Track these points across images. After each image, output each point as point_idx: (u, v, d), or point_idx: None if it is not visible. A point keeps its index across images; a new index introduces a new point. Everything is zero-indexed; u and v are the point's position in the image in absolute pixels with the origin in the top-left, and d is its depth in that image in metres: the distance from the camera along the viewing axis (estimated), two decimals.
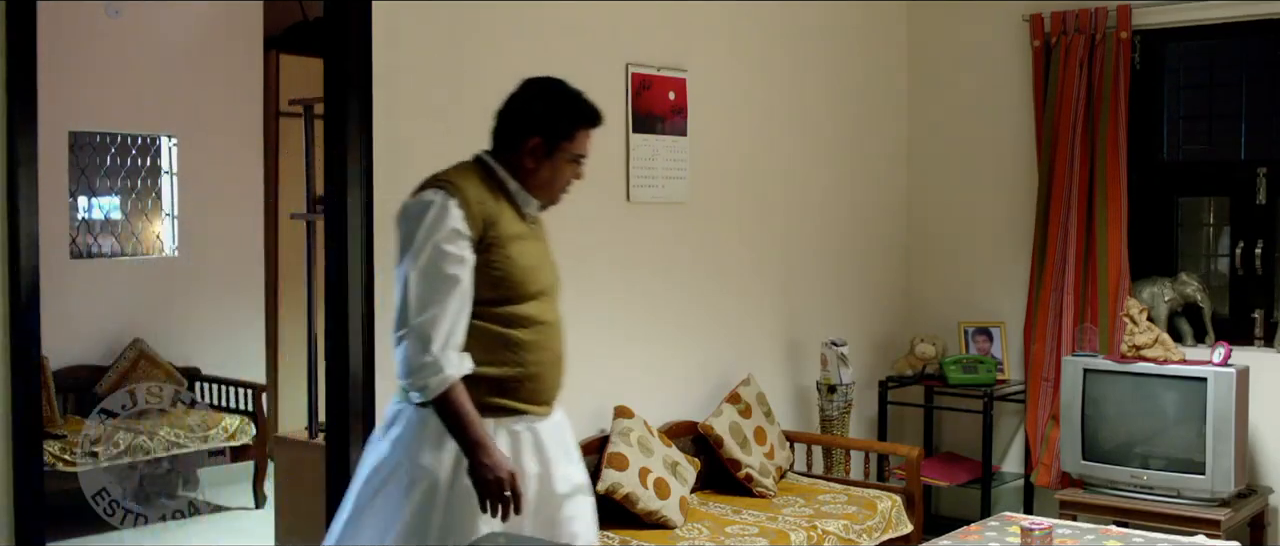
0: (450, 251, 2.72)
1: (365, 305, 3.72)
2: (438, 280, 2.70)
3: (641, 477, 4.18)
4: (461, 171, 2.88)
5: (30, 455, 3.18)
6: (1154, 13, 5.20)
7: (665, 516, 4.18)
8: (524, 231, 2.91)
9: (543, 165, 2.92)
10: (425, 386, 2.68)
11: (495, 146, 2.96)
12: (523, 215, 2.92)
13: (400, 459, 2.77)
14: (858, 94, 5.68)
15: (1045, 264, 5.36)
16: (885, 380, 5.60)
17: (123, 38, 6.40)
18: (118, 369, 6.31)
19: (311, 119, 4.82)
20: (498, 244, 2.81)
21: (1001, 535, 4.02)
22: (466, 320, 2.75)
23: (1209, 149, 5.55)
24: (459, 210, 2.75)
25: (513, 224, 2.88)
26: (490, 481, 2.69)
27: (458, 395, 2.69)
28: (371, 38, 3.72)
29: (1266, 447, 5.03)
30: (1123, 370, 4.94)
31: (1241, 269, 5.18)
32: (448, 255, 2.72)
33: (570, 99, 2.97)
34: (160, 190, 6.84)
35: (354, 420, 3.69)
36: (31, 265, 3.16)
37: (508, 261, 2.82)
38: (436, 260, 2.71)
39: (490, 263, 2.80)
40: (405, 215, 2.81)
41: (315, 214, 4.64)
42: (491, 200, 2.84)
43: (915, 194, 5.94)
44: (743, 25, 5.08)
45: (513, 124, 2.95)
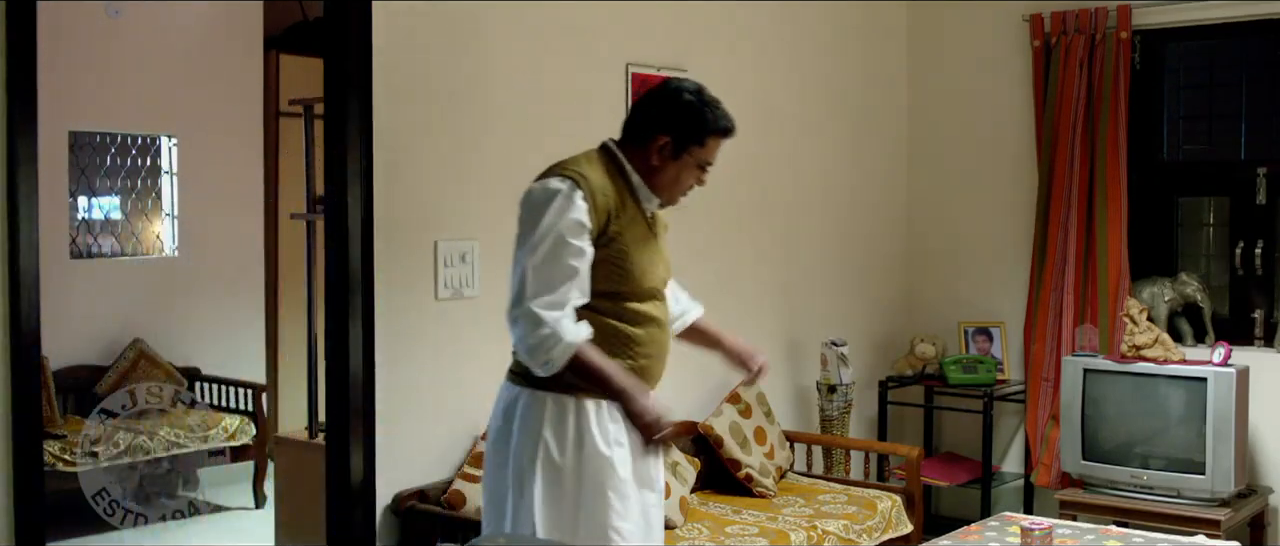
0: (573, 243, 2.75)
1: (365, 305, 3.72)
2: (556, 270, 2.73)
3: None
4: (589, 161, 2.89)
5: (30, 455, 3.18)
6: (1154, 13, 5.20)
7: (665, 516, 4.18)
8: (643, 228, 2.94)
9: (669, 165, 2.94)
10: (549, 359, 2.71)
11: (625, 137, 2.98)
12: (643, 210, 2.95)
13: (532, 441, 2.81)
14: (858, 94, 5.68)
15: (1045, 264, 5.36)
16: (885, 380, 5.60)
17: (123, 38, 6.40)
18: (118, 369, 6.31)
19: (311, 119, 4.82)
20: (618, 239, 2.83)
21: (1001, 535, 4.02)
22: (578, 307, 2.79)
23: (1209, 149, 5.55)
24: (584, 202, 2.77)
25: (634, 220, 2.90)
26: (648, 422, 2.78)
27: (588, 354, 2.73)
28: (371, 38, 3.72)
29: (1266, 447, 5.03)
30: (1123, 370, 4.94)
31: (1241, 269, 5.18)
32: (569, 246, 2.74)
33: (707, 106, 2.98)
34: (160, 190, 6.84)
35: (354, 420, 3.69)
36: (31, 265, 3.16)
37: (625, 257, 2.85)
38: (558, 250, 2.74)
39: (609, 257, 2.82)
40: (529, 200, 2.81)
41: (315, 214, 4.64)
42: (614, 193, 2.86)
43: (915, 194, 5.94)
44: (743, 25, 5.08)
45: (647, 119, 2.96)
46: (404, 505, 3.78)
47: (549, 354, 2.70)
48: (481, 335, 4.08)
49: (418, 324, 3.89)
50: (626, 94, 4.58)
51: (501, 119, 4.13)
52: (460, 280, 4.00)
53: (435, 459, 3.93)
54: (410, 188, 3.87)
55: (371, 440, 3.74)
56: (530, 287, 2.73)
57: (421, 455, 3.91)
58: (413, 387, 3.88)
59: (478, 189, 4.07)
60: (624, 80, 4.57)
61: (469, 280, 4.02)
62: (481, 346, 4.09)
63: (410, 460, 3.87)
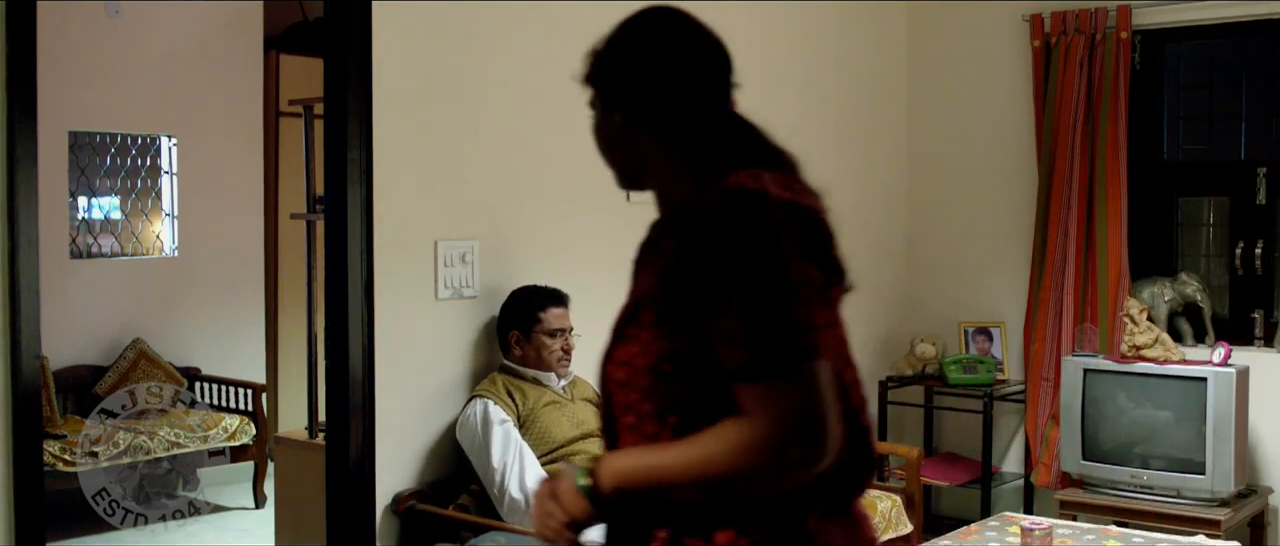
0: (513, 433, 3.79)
1: (365, 305, 3.72)
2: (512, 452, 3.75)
3: None
4: (491, 381, 3.91)
5: (30, 455, 3.18)
6: (1154, 13, 5.20)
7: None
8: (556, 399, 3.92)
9: (528, 350, 3.92)
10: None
11: (502, 353, 4.00)
12: (554, 388, 3.94)
13: None
14: (858, 94, 5.67)
15: (1045, 264, 5.36)
16: (885, 380, 5.59)
17: (123, 38, 6.40)
18: (118, 369, 6.31)
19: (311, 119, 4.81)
20: (529, 417, 3.84)
21: (1001, 535, 4.02)
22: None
23: (1209, 149, 5.55)
24: (496, 406, 3.80)
25: (543, 400, 3.89)
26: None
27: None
28: (371, 38, 3.72)
29: (1266, 447, 5.03)
30: (1123, 370, 4.94)
31: (1241, 269, 5.18)
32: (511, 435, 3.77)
33: (527, 293, 3.95)
34: (160, 190, 6.84)
35: (354, 420, 3.69)
36: (31, 265, 3.16)
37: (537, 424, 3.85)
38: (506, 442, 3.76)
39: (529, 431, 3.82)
40: (464, 428, 3.82)
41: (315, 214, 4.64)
42: (515, 392, 3.86)
43: (915, 194, 5.94)
44: (742, 25, 5.06)
45: (499, 326, 3.98)
46: (404, 505, 3.78)
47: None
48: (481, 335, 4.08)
49: (418, 324, 3.89)
50: None
51: (501, 119, 4.13)
52: (460, 280, 4.00)
53: (435, 459, 3.93)
54: (410, 188, 3.87)
55: (371, 440, 3.74)
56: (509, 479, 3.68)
57: (421, 455, 3.91)
58: (413, 387, 3.88)
59: (478, 189, 4.07)
60: None
61: (469, 280, 4.02)
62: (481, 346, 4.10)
63: (410, 460, 3.87)
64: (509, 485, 3.68)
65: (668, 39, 1.77)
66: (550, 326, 3.90)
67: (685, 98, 1.73)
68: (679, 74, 1.74)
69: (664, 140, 1.73)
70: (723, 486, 1.53)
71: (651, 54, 1.75)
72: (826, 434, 1.50)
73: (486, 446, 3.73)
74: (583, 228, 4.42)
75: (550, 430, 3.84)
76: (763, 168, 1.66)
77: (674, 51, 1.76)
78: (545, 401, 3.89)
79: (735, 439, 1.50)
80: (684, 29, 1.80)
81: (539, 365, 3.91)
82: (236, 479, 6.35)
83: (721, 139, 1.72)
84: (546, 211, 4.30)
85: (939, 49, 5.84)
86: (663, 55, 1.75)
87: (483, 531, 3.59)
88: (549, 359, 3.90)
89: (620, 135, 1.77)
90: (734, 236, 1.53)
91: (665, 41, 1.76)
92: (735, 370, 1.51)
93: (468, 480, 3.85)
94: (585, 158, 4.71)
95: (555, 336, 3.90)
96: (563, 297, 3.97)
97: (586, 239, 4.43)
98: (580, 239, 4.41)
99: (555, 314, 3.92)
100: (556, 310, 3.93)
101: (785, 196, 1.60)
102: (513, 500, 3.67)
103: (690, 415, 1.55)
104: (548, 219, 4.30)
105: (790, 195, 1.62)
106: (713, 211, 1.57)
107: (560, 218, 4.34)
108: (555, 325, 3.90)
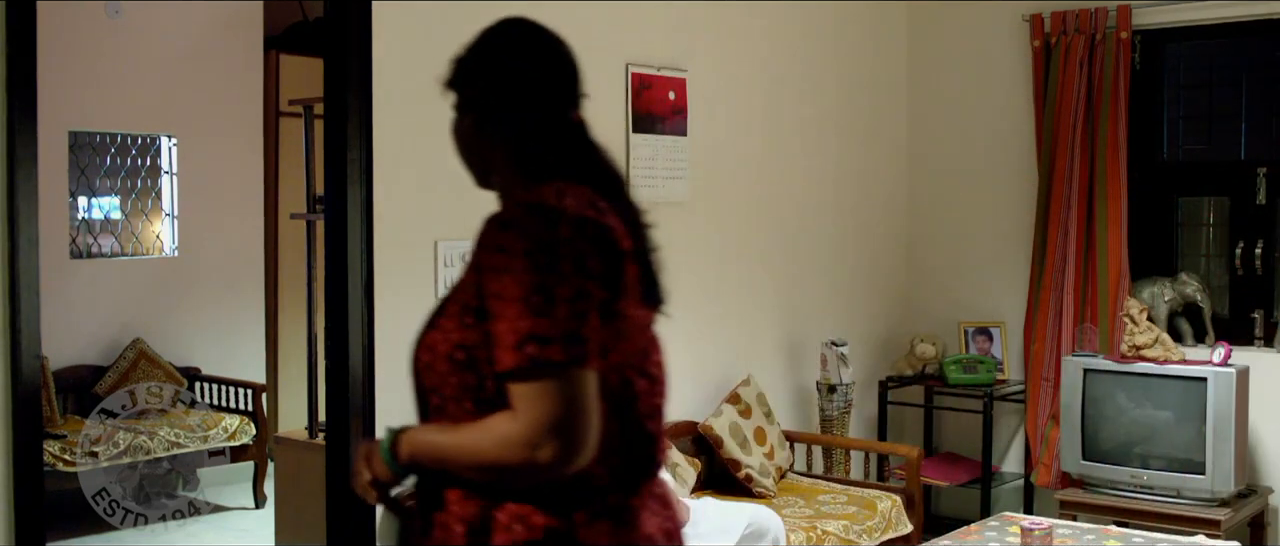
0: None
1: (365, 305, 3.72)
2: None
3: None
4: None
5: (30, 455, 3.18)
6: (1154, 13, 5.20)
7: None
8: None
9: None
10: None
11: None
12: None
13: None
14: (858, 94, 5.68)
15: (1045, 264, 5.36)
16: (885, 380, 5.60)
17: (123, 38, 6.40)
18: (118, 369, 6.31)
19: (311, 119, 4.82)
20: None
21: (1001, 535, 4.02)
22: None
23: (1209, 149, 5.55)
24: None
25: None
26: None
27: None
28: (371, 38, 3.72)
29: (1266, 447, 5.03)
30: (1123, 370, 4.94)
31: (1241, 269, 5.18)
32: None
33: None
34: (160, 190, 6.84)
35: (354, 420, 3.69)
36: (31, 265, 3.16)
37: None
38: None
39: None
40: None
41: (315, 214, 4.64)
42: None
43: (915, 194, 5.94)
44: (743, 25, 5.08)
45: None
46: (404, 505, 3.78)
47: None
48: None
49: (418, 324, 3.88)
50: (626, 94, 4.58)
51: None
52: None
53: None
54: (410, 188, 3.87)
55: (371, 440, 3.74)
56: None
57: None
58: None
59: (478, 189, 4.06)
60: (624, 80, 4.58)
61: None
62: None
63: None
64: None
65: (515, 51, 1.90)
66: None
67: (524, 107, 1.84)
68: (520, 84, 1.86)
69: (504, 146, 1.85)
70: (486, 473, 1.67)
71: (497, 64, 1.88)
72: (580, 438, 1.62)
73: None
74: None
75: None
76: (577, 183, 1.78)
77: (518, 63, 1.88)
78: None
79: (498, 432, 1.63)
80: (532, 42, 1.92)
81: None
82: (236, 479, 6.35)
83: (552, 150, 1.83)
84: None
85: (939, 49, 5.84)
86: (507, 66, 1.87)
87: None
88: None
89: (471, 138, 1.90)
90: (519, 246, 1.65)
91: (512, 53, 1.89)
92: (504, 370, 1.63)
93: None
94: None
95: None
96: None
97: None
98: None
99: None
100: None
101: (583, 213, 1.71)
102: None
103: (480, 402, 1.68)
104: None
105: (590, 213, 1.72)
106: (505, 220, 1.70)
107: None
108: None
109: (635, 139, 4.61)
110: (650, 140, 4.67)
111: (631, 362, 1.77)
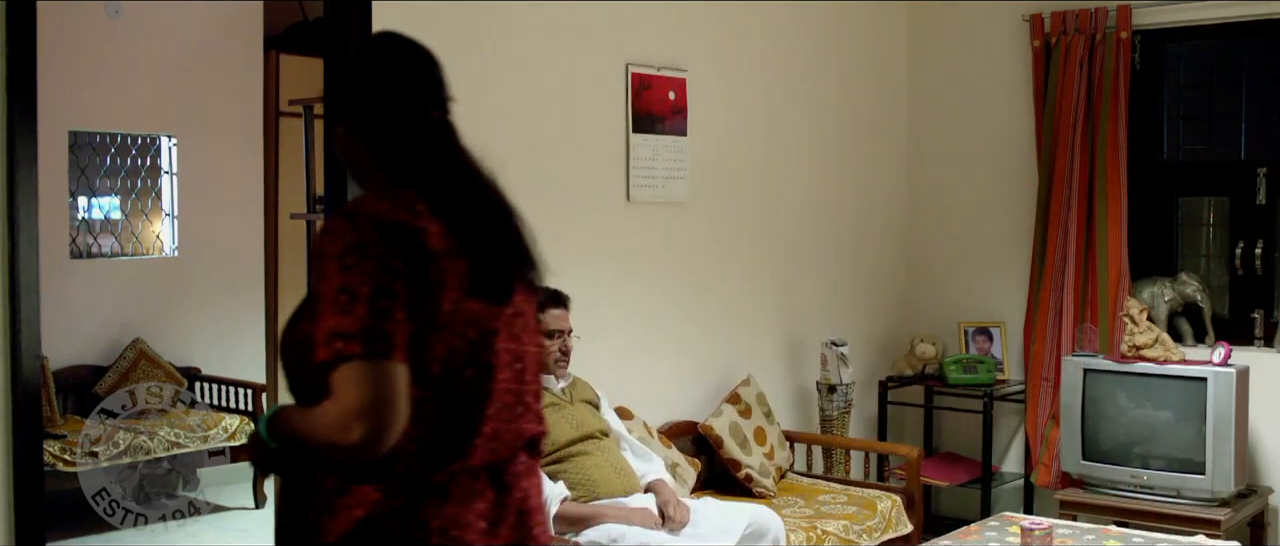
0: None
1: None
2: None
3: None
4: None
5: (30, 455, 3.18)
6: (1154, 13, 5.20)
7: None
8: (555, 401, 3.91)
9: None
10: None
11: None
12: (553, 391, 3.92)
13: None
14: (858, 94, 5.68)
15: (1045, 264, 5.36)
16: (885, 380, 5.60)
17: (123, 38, 6.40)
18: (118, 369, 6.31)
19: (311, 119, 4.82)
20: None
21: (1001, 535, 4.02)
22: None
23: (1209, 149, 5.55)
24: None
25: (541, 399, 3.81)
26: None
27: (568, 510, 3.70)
28: None
29: (1266, 447, 5.03)
30: (1123, 370, 4.94)
31: (1241, 269, 5.18)
32: None
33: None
34: (160, 190, 6.84)
35: None
36: (31, 265, 3.16)
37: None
38: None
39: None
40: None
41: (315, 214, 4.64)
42: None
43: (915, 194, 5.94)
44: (742, 25, 5.08)
45: None
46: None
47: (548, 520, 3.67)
48: None
49: None
50: (626, 94, 4.58)
51: (501, 119, 4.13)
52: None
53: None
54: None
55: None
56: None
57: None
58: None
59: None
60: (624, 80, 4.58)
61: None
62: None
63: None
64: None
65: (372, 60, 2.06)
66: (547, 327, 3.85)
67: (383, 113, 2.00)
68: (380, 92, 2.01)
69: (369, 149, 2.01)
70: (321, 452, 1.84)
71: (358, 72, 2.06)
72: (384, 422, 1.79)
73: None
74: (583, 228, 4.42)
75: (549, 432, 3.82)
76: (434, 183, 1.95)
77: (374, 70, 2.03)
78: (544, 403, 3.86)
79: (321, 416, 1.81)
80: (390, 50, 2.07)
81: None
82: (236, 479, 6.35)
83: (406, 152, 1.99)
84: (546, 211, 4.28)
85: (939, 49, 5.84)
86: (365, 73, 2.04)
87: None
88: (546, 360, 3.89)
89: (342, 144, 2.05)
90: (334, 249, 1.82)
91: (375, 62, 2.05)
92: (318, 363, 1.81)
93: None
94: (585, 158, 4.74)
95: (553, 337, 3.85)
96: (562, 299, 3.94)
97: (586, 239, 4.43)
98: (580, 239, 4.41)
99: (553, 315, 3.88)
100: (555, 311, 3.89)
101: (391, 217, 1.86)
102: None
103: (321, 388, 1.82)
104: (548, 219, 4.29)
105: (402, 216, 1.86)
106: (326, 226, 1.90)
107: (560, 218, 4.34)
108: (552, 326, 3.86)
109: (635, 139, 4.61)
110: (650, 140, 4.67)
111: (459, 352, 1.89)
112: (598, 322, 4.41)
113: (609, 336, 4.50)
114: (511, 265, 2.03)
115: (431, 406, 1.86)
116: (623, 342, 4.59)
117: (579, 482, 3.79)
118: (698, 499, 4.10)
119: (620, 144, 4.57)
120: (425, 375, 1.85)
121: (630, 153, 4.60)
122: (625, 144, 4.58)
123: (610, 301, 4.53)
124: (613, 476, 3.87)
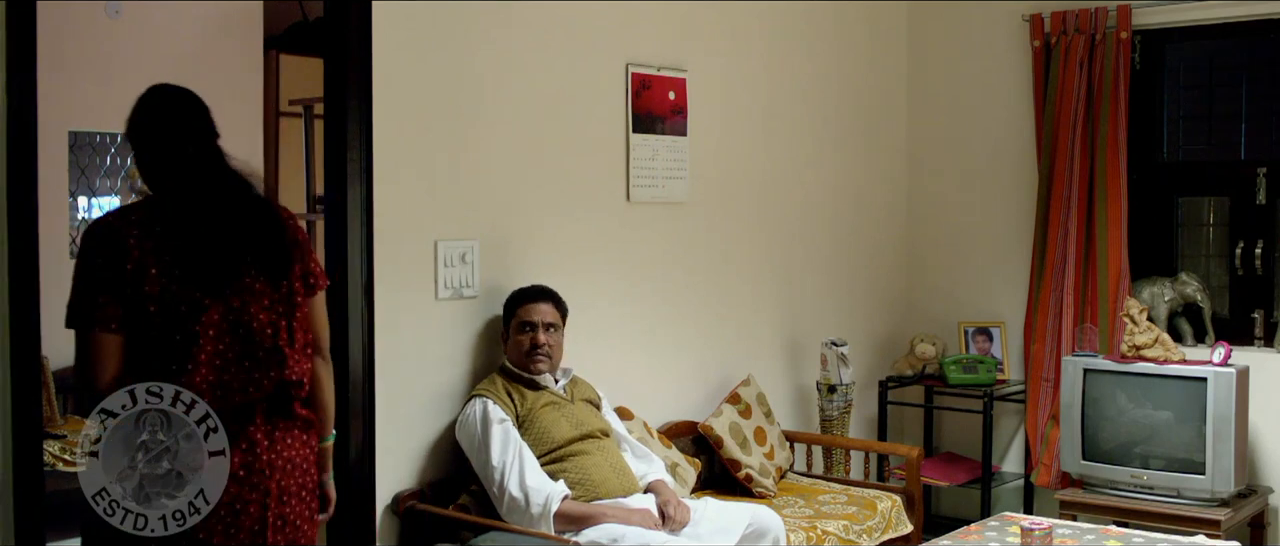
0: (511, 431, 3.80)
1: (365, 305, 3.72)
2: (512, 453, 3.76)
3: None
4: (490, 380, 3.92)
5: (30, 455, 3.18)
6: (1154, 13, 5.20)
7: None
8: (555, 399, 3.93)
9: (510, 347, 3.95)
10: (547, 517, 3.65)
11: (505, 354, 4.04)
12: (550, 390, 3.95)
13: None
14: (858, 94, 5.68)
15: (1045, 264, 5.36)
16: (885, 380, 5.60)
17: (123, 38, 6.39)
18: None
19: (311, 119, 4.82)
20: (528, 418, 3.85)
21: (1001, 535, 4.02)
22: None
23: (1209, 149, 5.55)
24: (495, 405, 3.81)
25: (542, 401, 3.90)
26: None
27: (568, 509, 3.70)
28: (371, 38, 3.72)
29: (1266, 447, 5.03)
30: (1123, 370, 4.94)
31: (1241, 269, 5.18)
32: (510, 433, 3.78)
33: (516, 291, 3.99)
34: None
35: (354, 420, 3.69)
36: (31, 265, 3.16)
37: (535, 425, 3.85)
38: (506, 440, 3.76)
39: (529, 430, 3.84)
40: (464, 427, 3.83)
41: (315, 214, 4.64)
42: (515, 390, 3.90)
43: (915, 194, 5.94)
44: (743, 25, 5.08)
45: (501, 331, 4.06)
46: (404, 505, 3.79)
47: (548, 517, 3.65)
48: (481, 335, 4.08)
49: (418, 324, 3.90)
50: (626, 94, 4.58)
51: (501, 119, 4.13)
52: (460, 280, 4.00)
53: (435, 459, 3.93)
54: (410, 188, 3.87)
55: (371, 440, 3.74)
56: (509, 478, 3.69)
57: (421, 455, 3.91)
58: (413, 388, 3.88)
59: (478, 189, 4.07)
60: (624, 80, 4.58)
61: (469, 280, 4.02)
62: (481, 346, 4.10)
63: (410, 460, 3.88)
64: (508, 484, 3.68)
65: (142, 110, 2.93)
66: (520, 320, 3.90)
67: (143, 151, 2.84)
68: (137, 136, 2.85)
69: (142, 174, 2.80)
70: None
71: (132, 122, 2.88)
72: (90, 378, 2.72)
73: (486, 445, 3.73)
74: (583, 227, 4.42)
75: (549, 430, 3.84)
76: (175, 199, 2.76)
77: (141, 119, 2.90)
78: (543, 402, 3.89)
79: None
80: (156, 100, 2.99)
81: (521, 363, 3.91)
82: None
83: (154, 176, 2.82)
84: (546, 211, 4.30)
85: (939, 49, 5.84)
86: (135, 123, 2.88)
87: (483, 531, 3.59)
88: (522, 354, 3.90)
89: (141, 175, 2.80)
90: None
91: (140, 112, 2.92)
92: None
93: (468, 480, 3.85)
94: (585, 158, 4.74)
95: (524, 331, 3.89)
96: (544, 293, 3.96)
97: (586, 239, 4.43)
98: (580, 239, 4.41)
99: (527, 308, 3.91)
100: (530, 305, 3.92)
101: (100, 221, 2.67)
102: (512, 499, 3.67)
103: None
104: (548, 219, 4.31)
105: (111, 220, 2.66)
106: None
107: (560, 218, 4.34)
108: (525, 319, 3.90)
109: (635, 139, 4.61)
110: (650, 140, 4.67)
111: (172, 324, 2.59)
112: (597, 322, 4.41)
113: (609, 336, 4.50)
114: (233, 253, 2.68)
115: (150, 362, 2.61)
116: (623, 342, 4.59)
117: (579, 482, 3.79)
118: (698, 499, 4.10)
119: (620, 144, 4.57)
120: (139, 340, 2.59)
121: (630, 153, 4.60)
122: (625, 144, 4.58)
123: (610, 301, 4.53)
124: (612, 476, 3.87)
